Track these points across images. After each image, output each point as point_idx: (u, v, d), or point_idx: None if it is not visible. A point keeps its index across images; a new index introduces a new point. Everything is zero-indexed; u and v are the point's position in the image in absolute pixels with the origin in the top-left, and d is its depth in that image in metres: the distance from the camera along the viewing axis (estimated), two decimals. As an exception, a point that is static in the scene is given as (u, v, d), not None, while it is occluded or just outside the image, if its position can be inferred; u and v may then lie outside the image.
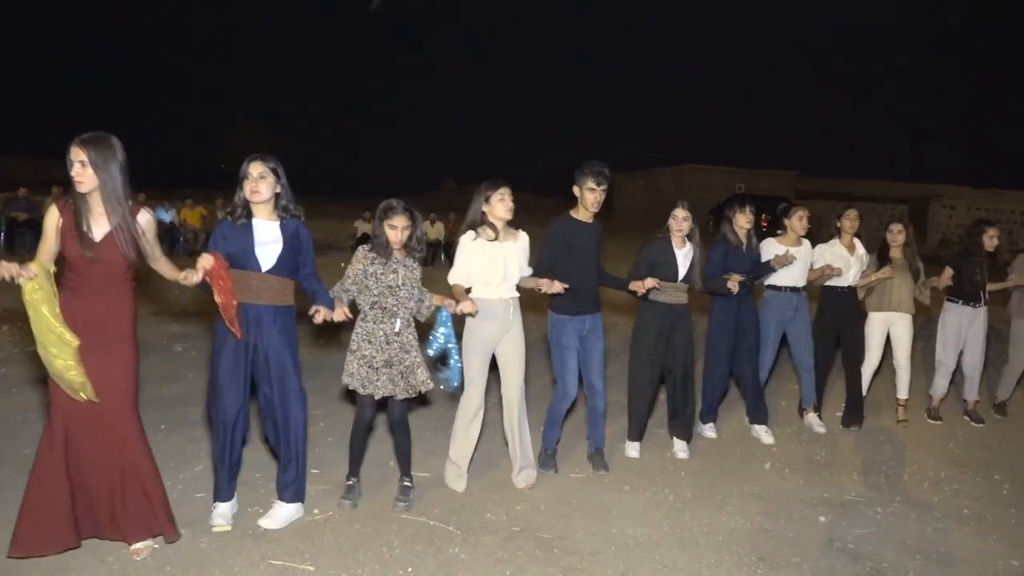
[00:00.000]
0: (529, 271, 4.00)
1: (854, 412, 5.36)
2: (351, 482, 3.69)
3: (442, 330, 3.68)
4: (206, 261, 3.09)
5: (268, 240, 3.28)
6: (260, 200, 3.26)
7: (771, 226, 22.66)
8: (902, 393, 5.54)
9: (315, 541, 3.24)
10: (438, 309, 3.69)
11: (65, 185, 2.99)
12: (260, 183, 3.24)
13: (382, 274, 3.55)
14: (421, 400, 5.44)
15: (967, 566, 3.36)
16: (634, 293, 4.31)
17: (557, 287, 3.86)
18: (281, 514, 3.40)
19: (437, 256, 16.13)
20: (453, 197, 36.40)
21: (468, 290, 3.83)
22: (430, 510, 3.62)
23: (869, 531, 3.67)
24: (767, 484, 4.21)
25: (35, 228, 13.08)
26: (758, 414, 5.07)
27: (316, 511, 3.54)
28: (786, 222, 5.14)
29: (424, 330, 3.73)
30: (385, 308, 3.55)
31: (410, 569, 3.06)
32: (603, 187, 4.11)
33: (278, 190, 3.31)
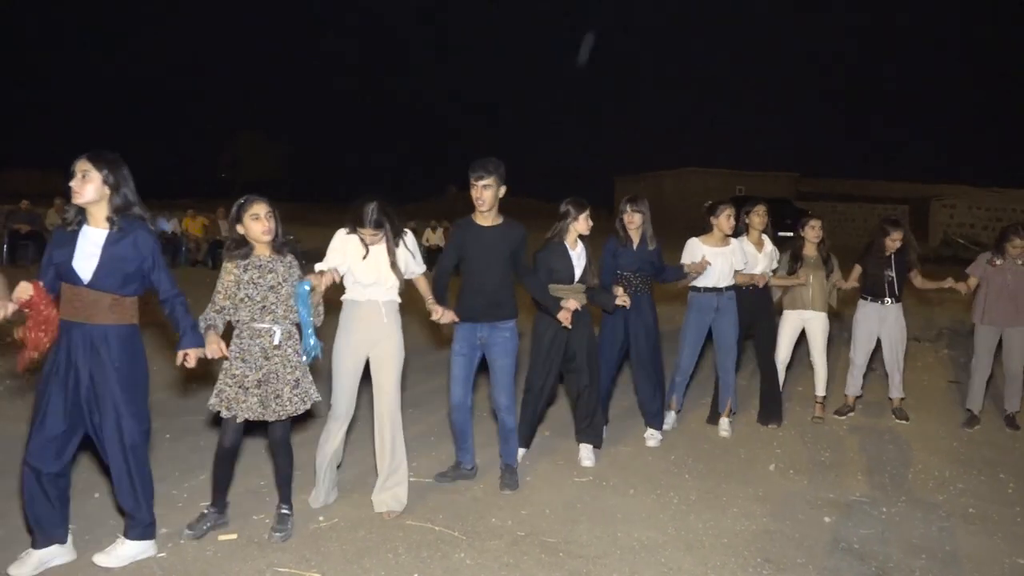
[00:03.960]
0: (421, 268, 3.79)
1: (772, 410, 5.31)
2: (204, 511, 3.38)
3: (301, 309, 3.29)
4: (23, 292, 2.82)
5: (91, 250, 2.91)
6: (82, 202, 2.90)
7: (771, 228, 22.67)
8: (819, 391, 5.50)
9: (321, 548, 3.25)
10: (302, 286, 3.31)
11: (68, 197, 3.00)
12: (83, 184, 2.88)
13: (259, 277, 3.24)
14: (423, 407, 5.43)
15: (973, 565, 3.36)
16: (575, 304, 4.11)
17: (448, 317, 3.75)
18: (121, 552, 3.06)
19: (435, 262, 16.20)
20: (455, 203, 36.46)
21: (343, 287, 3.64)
22: (435, 516, 3.62)
23: (874, 531, 3.67)
24: (772, 486, 4.21)
25: (37, 240, 13.12)
26: (655, 419, 4.84)
27: (321, 518, 3.54)
28: (712, 220, 4.94)
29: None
30: (264, 308, 3.22)
31: (416, 575, 3.06)
32: (484, 182, 3.77)
33: (107, 193, 2.91)
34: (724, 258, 4.91)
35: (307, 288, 3.27)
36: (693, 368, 5.13)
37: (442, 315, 3.73)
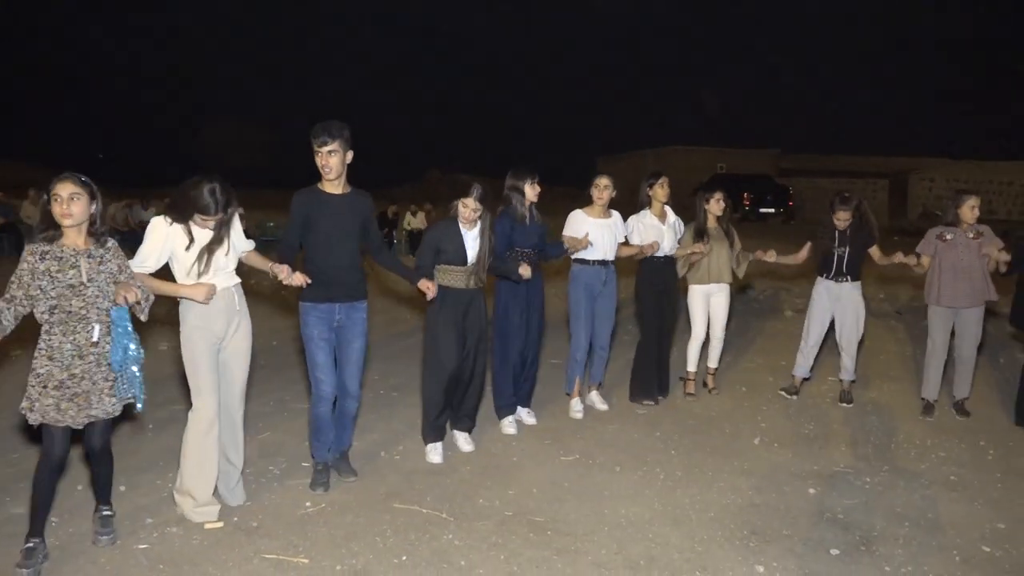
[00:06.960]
0: (249, 245, 3.52)
1: (660, 385, 5.28)
2: (31, 544, 2.87)
3: (119, 330, 2.86)
4: None
5: None
6: None
7: (753, 205, 22.73)
8: (712, 362, 5.48)
9: (308, 533, 3.24)
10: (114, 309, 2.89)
11: (39, 187, 2.88)
12: None
13: (58, 271, 2.80)
14: (409, 386, 5.40)
15: (955, 531, 3.41)
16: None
17: (298, 279, 3.42)
18: None
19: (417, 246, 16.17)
20: (437, 186, 36.30)
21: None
22: (422, 498, 3.62)
23: (858, 501, 3.71)
24: (756, 459, 4.25)
25: (13, 232, 12.91)
26: (526, 399, 4.79)
27: (308, 504, 3.53)
28: (592, 192, 4.84)
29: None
30: (71, 312, 2.81)
31: (404, 558, 3.06)
32: (328, 148, 3.43)
33: None
34: (608, 230, 4.81)
35: (126, 314, 2.85)
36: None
37: (292, 276, 3.39)
